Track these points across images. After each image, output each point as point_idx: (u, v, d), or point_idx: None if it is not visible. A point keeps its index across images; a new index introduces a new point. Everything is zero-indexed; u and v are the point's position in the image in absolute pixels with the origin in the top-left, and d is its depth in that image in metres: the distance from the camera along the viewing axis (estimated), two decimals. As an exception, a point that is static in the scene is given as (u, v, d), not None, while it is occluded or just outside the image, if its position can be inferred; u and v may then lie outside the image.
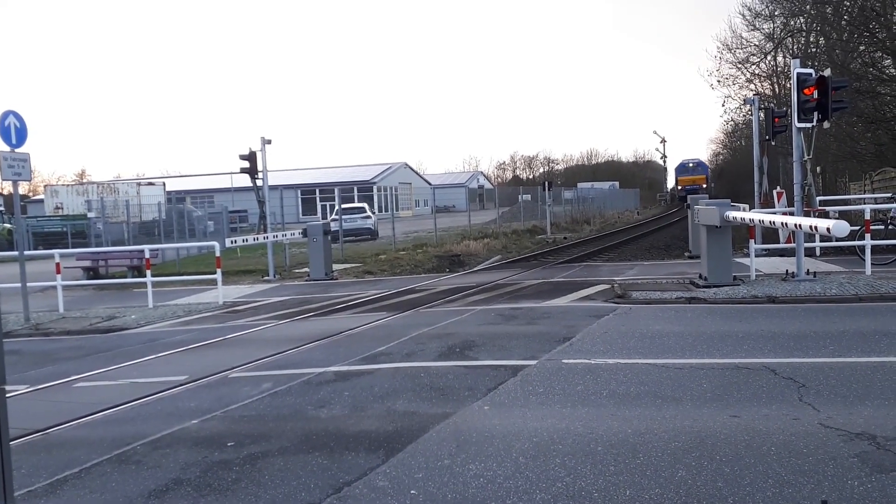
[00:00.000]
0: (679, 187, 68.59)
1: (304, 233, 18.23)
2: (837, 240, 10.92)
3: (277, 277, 18.76)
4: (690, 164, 68.02)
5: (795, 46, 30.41)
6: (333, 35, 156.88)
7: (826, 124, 12.44)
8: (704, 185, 63.53)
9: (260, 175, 19.24)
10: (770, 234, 16.69)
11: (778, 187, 21.10)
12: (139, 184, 45.96)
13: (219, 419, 5.99)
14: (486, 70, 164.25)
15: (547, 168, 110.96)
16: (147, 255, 15.43)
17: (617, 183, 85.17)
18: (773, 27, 32.13)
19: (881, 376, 6.14)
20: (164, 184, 46.37)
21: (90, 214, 34.56)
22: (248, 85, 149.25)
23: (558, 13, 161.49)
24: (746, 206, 16.97)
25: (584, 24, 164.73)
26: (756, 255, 13.29)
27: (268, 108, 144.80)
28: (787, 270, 12.38)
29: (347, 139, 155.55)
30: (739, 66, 34.35)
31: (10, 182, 12.91)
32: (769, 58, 33.78)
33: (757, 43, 33.45)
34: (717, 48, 68.53)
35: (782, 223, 11.60)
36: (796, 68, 12.05)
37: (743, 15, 34.80)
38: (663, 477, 4.21)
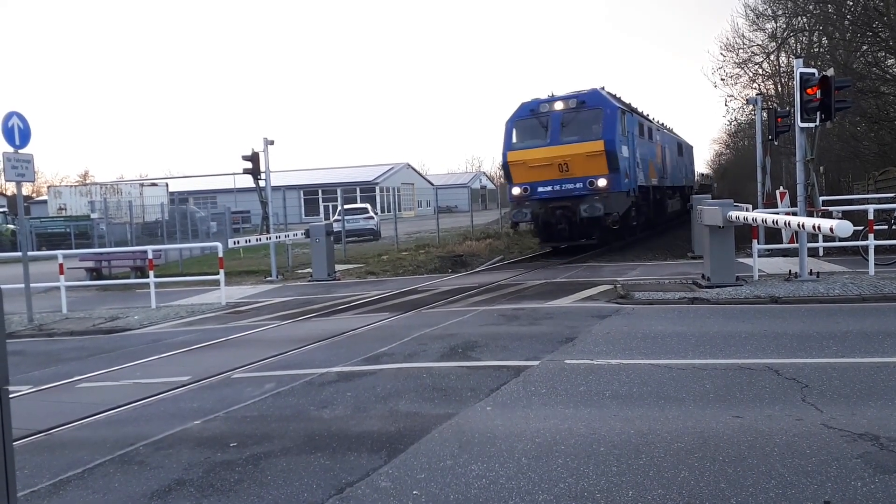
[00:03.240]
0: (516, 189, 19.82)
1: (307, 233, 18.25)
2: (841, 240, 10.90)
3: (280, 278, 18.77)
4: (557, 108, 19.69)
5: (798, 46, 30.35)
6: (336, 35, 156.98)
7: (829, 124, 12.41)
8: (605, 180, 18.76)
9: (262, 176, 19.26)
10: (773, 234, 16.67)
11: (781, 187, 21.08)
12: (142, 185, 46.07)
13: (221, 420, 6.00)
14: (489, 70, 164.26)
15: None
16: (150, 256, 15.47)
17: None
18: (776, 27, 32.09)
19: (884, 377, 6.13)
20: (167, 185, 46.48)
21: (93, 215, 34.70)
22: (252, 86, 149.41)
23: (557, 11, 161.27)
24: (749, 206, 16.93)
25: (584, 22, 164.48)
26: (759, 256, 13.26)
27: (271, 109, 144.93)
28: (790, 270, 12.36)
29: (350, 140, 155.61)
30: (742, 65, 34.32)
31: (14, 183, 12.94)
32: (772, 57, 33.73)
33: (760, 42, 33.43)
34: (719, 48, 66.33)
35: (785, 223, 11.58)
36: (799, 68, 12.03)
37: (746, 14, 34.76)
38: (666, 477, 4.21)
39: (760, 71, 34.87)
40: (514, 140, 20.44)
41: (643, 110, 27.28)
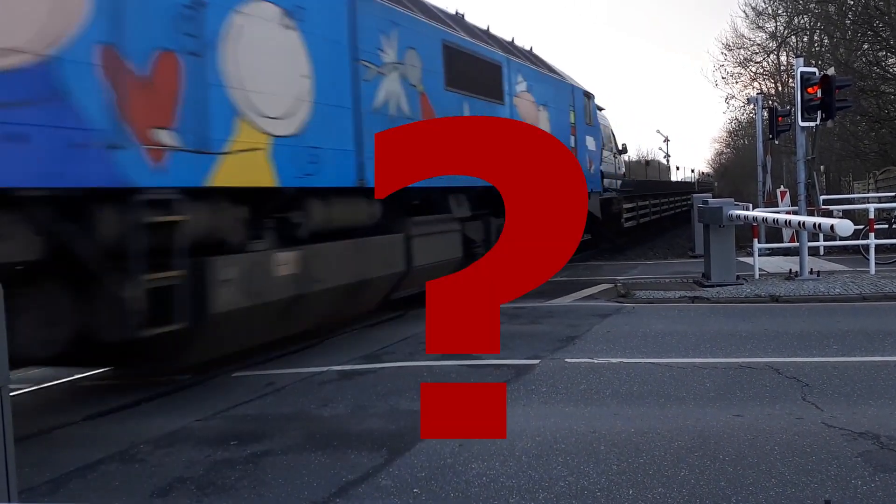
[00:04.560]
0: None
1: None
2: (841, 239, 10.89)
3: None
4: None
5: (799, 45, 30.35)
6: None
7: (829, 123, 12.40)
8: None
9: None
10: (773, 233, 16.66)
11: (781, 186, 21.08)
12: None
13: (221, 418, 5.99)
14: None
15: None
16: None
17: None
18: (776, 26, 32.09)
19: (885, 375, 6.13)
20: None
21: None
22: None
23: (556, 8, 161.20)
24: (750, 205, 16.93)
25: (583, 20, 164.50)
26: (760, 255, 13.26)
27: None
28: (790, 270, 12.35)
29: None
30: (742, 64, 34.32)
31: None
32: (772, 56, 33.72)
33: (760, 42, 33.43)
34: (719, 48, 65.95)
35: (786, 222, 11.59)
36: (800, 67, 12.03)
37: (746, 14, 34.77)
38: (666, 476, 4.21)
39: (761, 70, 34.89)
40: None
41: None
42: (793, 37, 30.86)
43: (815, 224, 9.92)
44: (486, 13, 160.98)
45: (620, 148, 22.01)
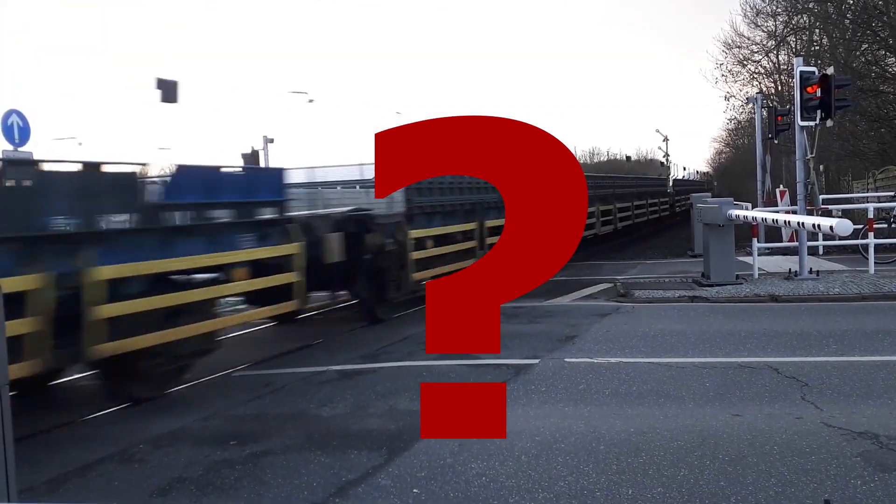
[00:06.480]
0: None
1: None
2: (840, 238, 10.89)
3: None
4: None
5: (798, 44, 30.34)
6: (339, 29, 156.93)
7: (829, 122, 12.40)
8: None
9: (262, 174, 19.08)
10: (773, 232, 16.66)
11: (781, 185, 21.09)
12: (142, 182, 45.63)
13: (221, 418, 5.99)
14: (488, 69, 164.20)
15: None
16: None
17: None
18: (776, 25, 32.06)
19: (884, 375, 6.13)
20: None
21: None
22: (251, 80, 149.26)
23: (552, 4, 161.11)
24: (749, 205, 16.93)
25: (579, 17, 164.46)
26: (759, 254, 13.26)
27: (270, 104, 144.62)
28: (789, 269, 12.35)
29: (353, 137, 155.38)
30: (742, 63, 34.27)
31: (13, 181, 12.63)
32: (771, 56, 33.69)
33: (759, 41, 33.39)
34: (719, 47, 65.57)
35: (785, 222, 11.60)
36: (799, 66, 12.04)
37: (745, 13, 34.68)
38: (666, 476, 4.21)
39: (760, 69, 34.87)
40: None
41: None
42: (792, 36, 30.84)
43: (814, 224, 9.93)
44: (481, 9, 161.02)
45: None
